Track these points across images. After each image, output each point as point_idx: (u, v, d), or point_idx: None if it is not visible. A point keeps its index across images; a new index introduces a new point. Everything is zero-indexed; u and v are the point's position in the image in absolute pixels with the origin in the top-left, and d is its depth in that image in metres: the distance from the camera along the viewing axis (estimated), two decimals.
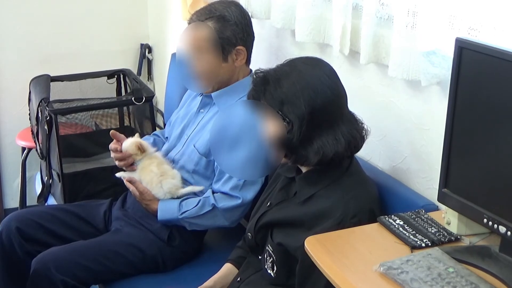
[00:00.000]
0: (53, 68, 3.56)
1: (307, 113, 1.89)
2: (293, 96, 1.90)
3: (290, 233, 1.95)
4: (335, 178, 1.95)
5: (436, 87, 1.96)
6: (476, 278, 1.53)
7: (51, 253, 2.43)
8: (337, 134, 1.92)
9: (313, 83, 1.91)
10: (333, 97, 1.93)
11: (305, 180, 2.00)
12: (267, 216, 2.07)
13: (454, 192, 1.69)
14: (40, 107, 3.17)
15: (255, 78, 1.99)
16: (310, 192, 1.96)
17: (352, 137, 1.94)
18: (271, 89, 1.93)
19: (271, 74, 1.95)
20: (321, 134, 1.91)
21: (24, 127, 3.72)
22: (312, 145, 1.91)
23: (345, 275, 1.60)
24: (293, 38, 2.49)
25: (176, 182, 2.51)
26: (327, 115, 1.92)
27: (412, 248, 1.70)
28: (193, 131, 2.59)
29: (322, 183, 1.95)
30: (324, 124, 1.91)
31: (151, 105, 3.29)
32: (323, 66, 1.99)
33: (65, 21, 3.85)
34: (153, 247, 2.50)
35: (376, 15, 2.12)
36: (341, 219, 1.85)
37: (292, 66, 1.97)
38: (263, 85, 1.95)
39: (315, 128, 1.90)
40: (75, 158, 3.25)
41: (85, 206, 2.76)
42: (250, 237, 2.13)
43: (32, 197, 3.68)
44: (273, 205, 2.08)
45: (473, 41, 1.61)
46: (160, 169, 2.51)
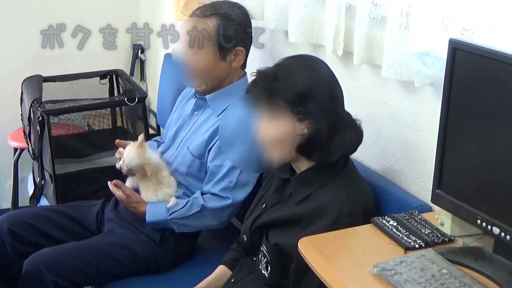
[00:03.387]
0: (45, 68, 3.54)
1: (331, 108, 1.89)
2: (313, 90, 1.89)
3: (286, 233, 1.95)
4: (331, 178, 1.94)
5: (430, 88, 1.96)
6: (470, 279, 1.52)
7: (43, 254, 2.41)
8: (348, 129, 1.94)
9: (324, 77, 1.93)
10: (337, 93, 1.95)
11: (300, 181, 1.99)
12: (262, 218, 2.07)
13: (448, 193, 1.69)
14: (32, 107, 3.15)
15: (259, 76, 1.94)
16: (306, 192, 1.95)
17: (355, 130, 1.96)
18: (281, 85, 1.89)
19: (279, 71, 1.92)
20: (337, 129, 1.91)
21: (16, 127, 3.70)
22: (334, 141, 1.91)
23: (338, 277, 1.60)
24: (286, 38, 2.48)
25: (170, 192, 2.50)
26: (339, 110, 1.94)
27: (406, 249, 1.69)
28: (187, 133, 2.59)
29: (318, 183, 1.95)
30: (338, 118, 1.92)
31: (144, 106, 3.28)
32: (320, 61, 2.01)
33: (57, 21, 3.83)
34: (146, 249, 2.49)
35: (370, 16, 2.12)
36: (336, 217, 1.85)
37: (295, 62, 1.97)
38: (273, 82, 1.90)
39: (334, 123, 1.90)
40: (68, 159, 3.23)
41: (77, 207, 2.75)
42: (245, 239, 2.13)
43: (24, 198, 3.67)
44: (268, 207, 2.07)
45: (467, 42, 1.62)
46: (159, 178, 2.49)
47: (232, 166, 2.41)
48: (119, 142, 2.58)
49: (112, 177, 2.57)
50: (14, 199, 3.79)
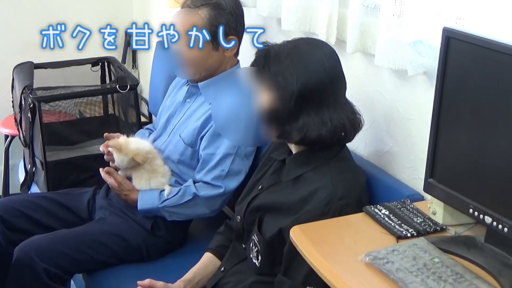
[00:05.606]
0: (37, 55, 3.51)
1: (298, 91, 1.90)
2: (287, 72, 1.91)
3: (280, 217, 1.94)
4: (324, 161, 1.95)
5: (423, 77, 1.96)
6: (462, 268, 1.52)
7: (34, 242, 2.41)
8: (324, 117, 1.92)
9: (310, 63, 1.93)
10: (328, 80, 1.94)
11: (295, 161, 2.01)
12: (258, 199, 2.07)
13: (440, 182, 1.69)
14: (23, 94, 3.14)
15: (259, 50, 2.01)
16: (299, 172, 1.97)
17: (340, 124, 1.93)
18: (270, 62, 1.95)
19: (275, 49, 1.98)
20: (309, 113, 1.92)
21: (7, 114, 3.69)
22: (298, 122, 1.92)
23: (330, 265, 1.60)
24: (279, 26, 2.48)
25: (164, 181, 2.49)
26: (318, 97, 1.92)
27: (398, 238, 1.69)
28: (179, 121, 2.58)
29: (311, 165, 1.96)
30: (314, 105, 1.92)
31: (136, 93, 3.27)
32: (325, 49, 2.00)
33: (48, 8, 3.81)
34: (137, 237, 2.49)
35: (363, 4, 2.12)
36: (328, 199, 1.85)
37: (294, 44, 1.99)
38: (264, 57, 1.97)
39: (303, 107, 1.91)
40: (59, 146, 3.22)
41: (68, 194, 2.74)
42: (239, 220, 2.12)
43: (15, 185, 3.65)
44: (264, 189, 2.08)
45: (461, 31, 1.61)
46: (152, 165, 2.48)
47: (224, 155, 2.40)
48: (108, 136, 2.58)
49: (103, 165, 2.56)
50: (5, 186, 3.77)
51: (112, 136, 2.56)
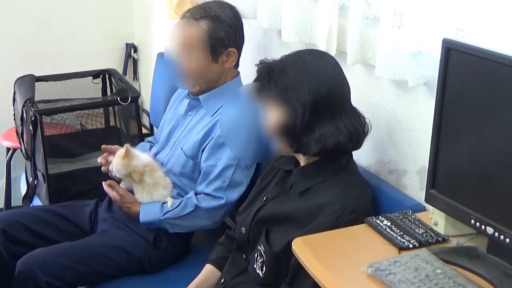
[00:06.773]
0: (38, 68, 3.54)
1: (311, 101, 1.90)
2: (297, 83, 1.91)
3: (287, 229, 1.93)
4: (333, 173, 1.95)
5: (423, 88, 1.96)
6: (464, 279, 1.52)
7: (36, 255, 2.40)
8: (339, 124, 1.92)
9: (317, 72, 1.93)
10: (336, 88, 1.94)
11: (303, 173, 2.00)
12: (264, 211, 2.06)
13: (442, 193, 1.69)
14: (24, 107, 3.14)
15: (260, 67, 2.00)
16: (307, 185, 1.96)
17: (354, 128, 1.94)
18: (275, 76, 1.94)
19: (277, 64, 1.97)
20: (324, 123, 1.92)
21: (8, 127, 3.69)
22: (314, 133, 1.91)
23: (332, 277, 1.60)
24: (279, 38, 2.48)
25: (166, 194, 2.49)
26: (330, 105, 1.92)
27: (400, 249, 1.69)
28: (181, 134, 2.58)
29: (320, 177, 1.95)
30: (327, 113, 1.92)
31: (137, 105, 3.27)
32: (328, 57, 2.01)
33: (50, 21, 3.83)
34: (140, 249, 2.49)
35: (363, 15, 2.12)
36: (339, 213, 1.85)
37: (297, 56, 1.99)
38: (268, 73, 1.96)
39: (317, 117, 1.91)
40: (60, 159, 3.22)
41: (70, 207, 2.74)
42: (244, 232, 2.12)
43: (17, 198, 3.65)
44: (269, 200, 2.07)
45: (460, 42, 1.61)
46: (153, 178, 2.48)
47: (225, 166, 2.41)
48: (105, 147, 2.58)
49: (105, 177, 2.56)
50: (7, 199, 3.77)
51: (110, 148, 2.57)
